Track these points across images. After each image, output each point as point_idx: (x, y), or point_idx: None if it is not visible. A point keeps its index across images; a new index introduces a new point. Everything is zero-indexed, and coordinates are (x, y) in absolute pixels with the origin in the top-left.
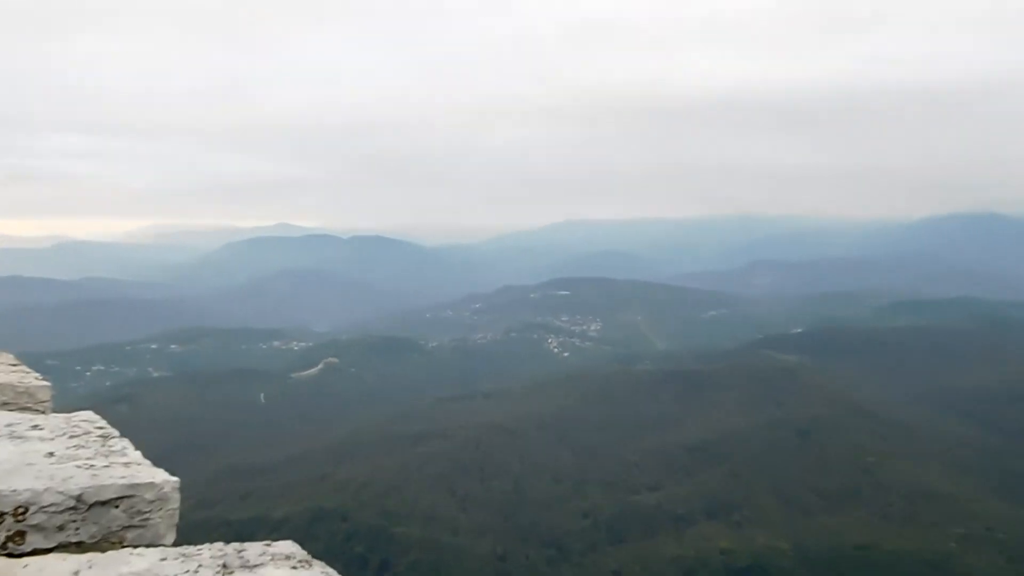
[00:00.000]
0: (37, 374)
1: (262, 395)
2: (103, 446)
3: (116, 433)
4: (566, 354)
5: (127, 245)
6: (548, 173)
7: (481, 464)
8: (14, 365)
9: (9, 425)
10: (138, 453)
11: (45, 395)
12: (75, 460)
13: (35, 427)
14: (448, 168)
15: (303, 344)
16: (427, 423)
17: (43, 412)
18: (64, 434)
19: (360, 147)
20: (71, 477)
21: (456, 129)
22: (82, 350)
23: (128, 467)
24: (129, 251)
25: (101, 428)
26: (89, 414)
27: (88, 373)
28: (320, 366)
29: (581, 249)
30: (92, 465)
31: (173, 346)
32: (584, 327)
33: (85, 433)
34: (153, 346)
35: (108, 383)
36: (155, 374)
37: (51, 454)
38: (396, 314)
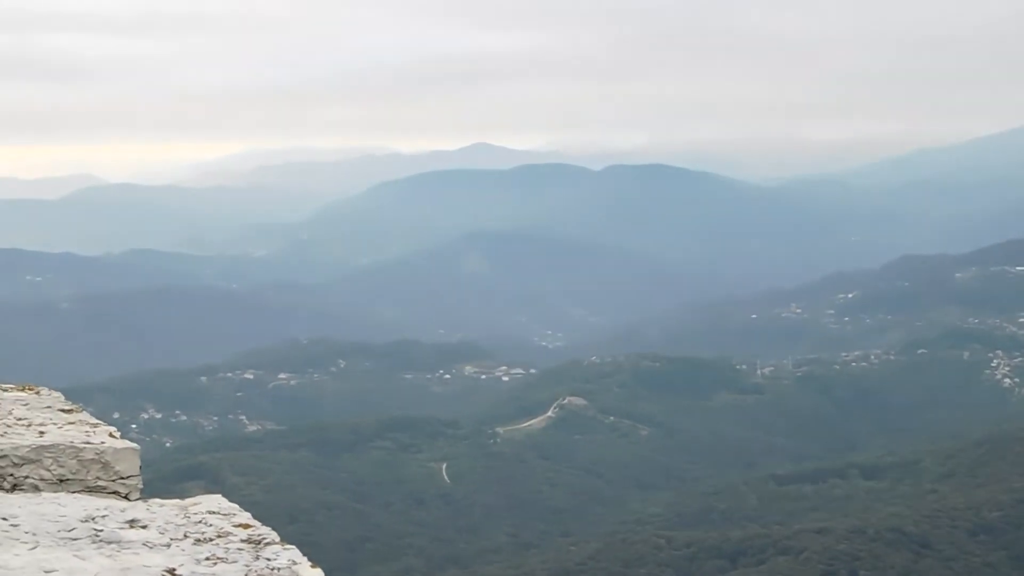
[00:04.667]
0: (112, 427)
1: (444, 467)
2: (256, 558)
3: (272, 535)
4: None
5: (203, 189)
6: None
7: None
8: (68, 411)
9: (89, 519)
10: (318, 573)
11: (131, 464)
12: None
13: (133, 523)
14: (775, 35)
15: (517, 372)
16: (756, 525)
17: (130, 493)
18: (185, 536)
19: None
20: None
21: None
22: (134, 379)
23: None
24: (208, 198)
25: (245, 526)
26: (219, 500)
27: (145, 416)
28: (550, 412)
29: None
30: None
31: (282, 376)
32: None
33: (220, 535)
34: (247, 375)
35: (168, 440)
36: (250, 425)
37: (172, 573)
38: (692, 311)
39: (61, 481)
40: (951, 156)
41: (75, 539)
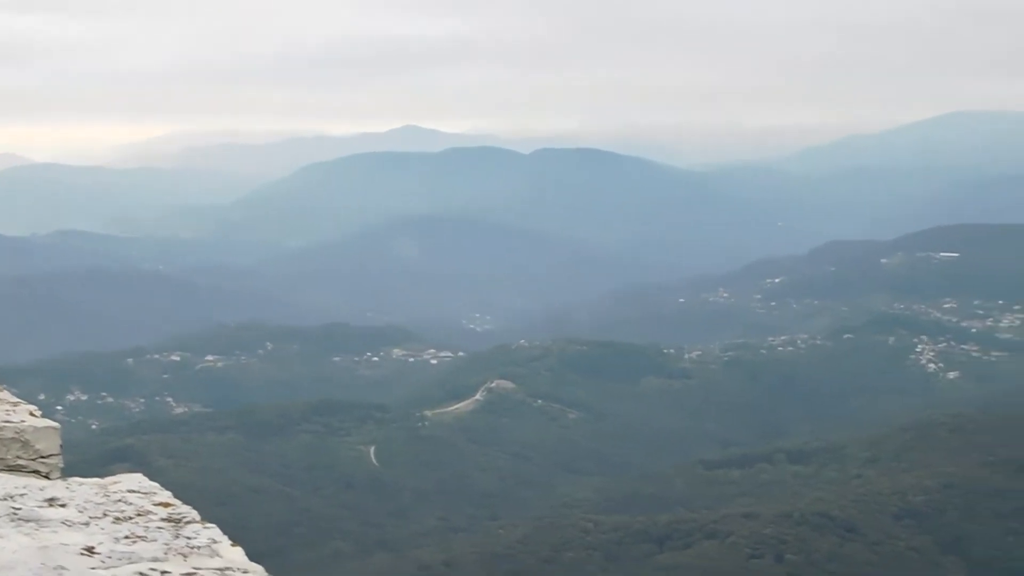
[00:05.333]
0: (32, 406)
1: (372, 451)
2: (176, 536)
3: (193, 514)
4: (952, 375)
5: (130, 170)
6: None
7: None
8: None
9: (8, 498)
10: (238, 551)
11: (51, 443)
12: (134, 563)
13: (52, 501)
14: (706, 20)
15: (445, 355)
16: (683, 510)
17: (51, 473)
18: (104, 514)
19: None
20: None
21: None
22: (60, 360)
23: None
24: (136, 180)
25: (166, 505)
26: (139, 479)
27: (71, 398)
28: (478, 396)
29: (985, 167)
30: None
31: (209, 359)
32: (990, 321)
33: (140, 514)
34: (174, 357)
35: (95, 422)
36: (176, 408)
37: (90, 551)
38: (620, 296)
39: None
40: (880, 143)
41: None
